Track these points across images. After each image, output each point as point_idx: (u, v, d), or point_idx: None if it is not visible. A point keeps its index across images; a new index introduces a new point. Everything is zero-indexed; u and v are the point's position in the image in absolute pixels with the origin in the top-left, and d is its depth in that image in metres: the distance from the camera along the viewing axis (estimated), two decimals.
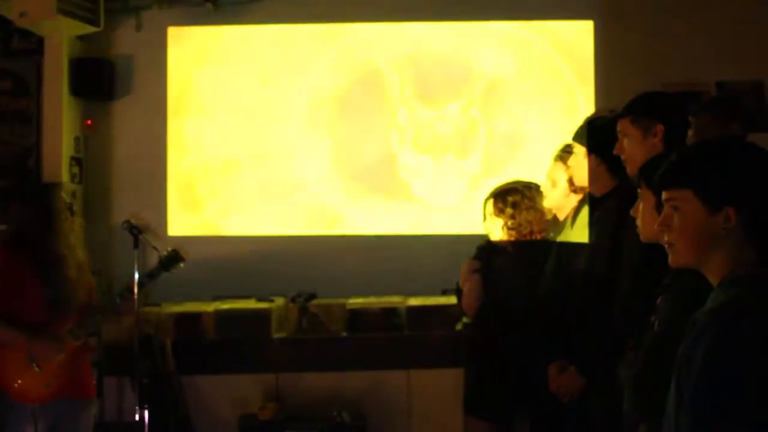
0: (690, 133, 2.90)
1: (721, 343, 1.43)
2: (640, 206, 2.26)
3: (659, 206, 1.68)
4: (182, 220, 5.50)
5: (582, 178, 3.19)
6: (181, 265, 3.70)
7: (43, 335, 3.29)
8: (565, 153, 3.34)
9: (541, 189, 3.48)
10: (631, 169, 2.68)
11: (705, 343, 1.44)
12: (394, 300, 5.04)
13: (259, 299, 5.09)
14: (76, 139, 5.40)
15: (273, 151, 5.53)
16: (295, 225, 5.47)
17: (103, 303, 3.57)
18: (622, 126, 2.72)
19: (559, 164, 3.38)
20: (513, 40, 5.48)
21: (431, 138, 5.47)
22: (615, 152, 2.74)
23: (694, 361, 1.45)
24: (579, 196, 3.29)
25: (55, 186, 4.03)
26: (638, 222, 2.27)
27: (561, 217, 3.40)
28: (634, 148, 2.67)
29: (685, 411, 1.45)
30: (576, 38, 5.46)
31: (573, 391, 3.01)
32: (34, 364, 3.28)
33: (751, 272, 1.53)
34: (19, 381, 3.28)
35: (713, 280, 1.58)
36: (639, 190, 2.28)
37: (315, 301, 5.06)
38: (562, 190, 3.36)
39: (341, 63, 5.52)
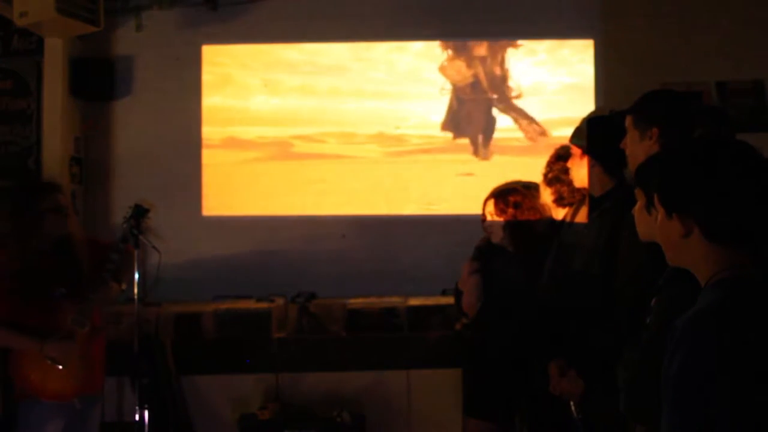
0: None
1: (695, 356, 1.40)
2: (637, 205, 2.27)
3: (649, 206, 1.69)
4: (182, 220, 5.49)
5: (580, 179, 3.18)
6: (149, 216, 3.70)
7: (53, 335, 3.29)
8: (562, 154, 3.34)
9: (540, 191, 3.48)
10: (632, 167, 2.68)
11: (680, 354, 1.42)
12: (394, 300, 5.04)
13: (259, 299, 5.10)
14: (76, 139, 5.40)
15: (273, 151, 5.54)
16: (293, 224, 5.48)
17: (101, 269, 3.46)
18: (627, 123, 2.72)
19: None
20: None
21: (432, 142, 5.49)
22: (621, 146, 2.73)
23: (671, 373, 1.42)
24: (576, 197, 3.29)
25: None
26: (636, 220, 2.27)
27: (558, 217, 3.40)
28: (634, 147, 2.68)
29: (664, 423, 1.44)
30: (576, 38, 5.47)
31: (575, 395, 3.01)
32: (55, 364, 3.28)
33: (731, 275, 1.50)
34: (51, 381, 3.30)
35: (701, 282, 1.57)
36: (635, 190, 2.29)
37: (315, 301, 5.07)
38: None
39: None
